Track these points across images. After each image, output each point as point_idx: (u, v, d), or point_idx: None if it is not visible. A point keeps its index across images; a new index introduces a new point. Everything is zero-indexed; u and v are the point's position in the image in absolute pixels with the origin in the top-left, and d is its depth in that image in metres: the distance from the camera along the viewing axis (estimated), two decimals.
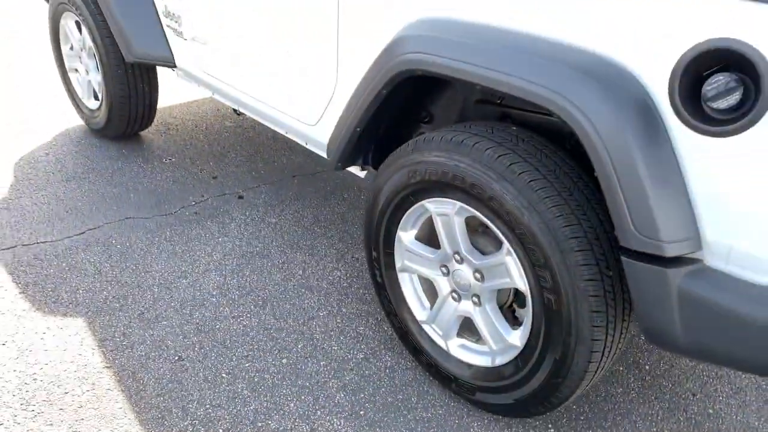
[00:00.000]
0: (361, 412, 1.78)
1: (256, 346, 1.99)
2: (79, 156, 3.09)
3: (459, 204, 1.58)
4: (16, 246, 2.41)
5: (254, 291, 2.23)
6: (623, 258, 1.31)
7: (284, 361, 1.95)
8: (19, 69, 4.06)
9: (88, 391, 1.80)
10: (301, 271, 2.34)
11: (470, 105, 1.83)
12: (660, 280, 1.27)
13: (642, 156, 1.22)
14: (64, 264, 2.32)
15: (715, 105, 1.14)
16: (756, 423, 1.81)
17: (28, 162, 3.00)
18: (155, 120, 3.36)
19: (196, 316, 2.11)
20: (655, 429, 1.77)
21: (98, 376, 1.85)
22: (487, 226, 1.56)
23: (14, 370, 1.85)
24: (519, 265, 1.51)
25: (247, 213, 2.70)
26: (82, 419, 1.71)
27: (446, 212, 1.63)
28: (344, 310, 2.16)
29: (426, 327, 1.84)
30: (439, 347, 1.81)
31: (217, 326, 2.07)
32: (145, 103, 3.09)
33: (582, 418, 1.79)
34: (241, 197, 2.81)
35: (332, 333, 2.06)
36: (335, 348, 2.00)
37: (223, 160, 3.12)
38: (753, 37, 1.09)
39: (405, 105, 1.88)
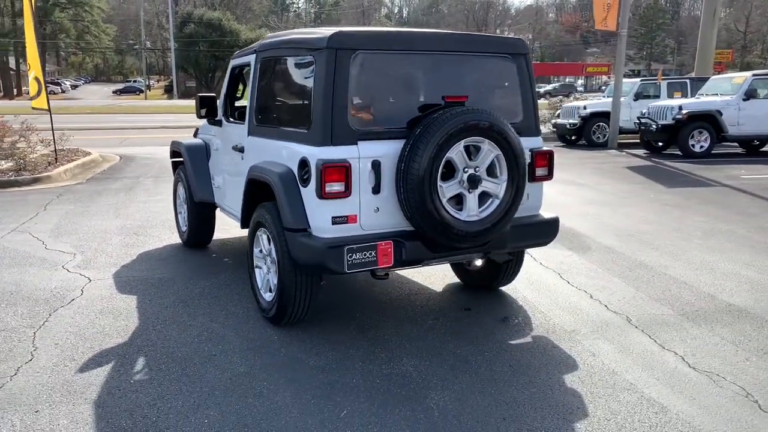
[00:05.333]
0: (233, 328, 4.13)
1: (223, 323, 4.46)
2: (173, 251, 5.97)
3: (264, 229, 4.06)
4: (137, 276, 5.19)
5: (226, 302, 4.74)
6: (286, 232, 3.70)
7: (231, 320, 4.38)
8: (154, 204, 7.27)
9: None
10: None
11: None
12: (294, 238, 3.64)
13: (288, 194, 3.68)
14: (156, 282, 5.03)
15: (305, 178, 3.63)
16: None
17: (148, 253, 5.93)
18: (213, 240, 6.20)
19: (199, 313, 4.63)
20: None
21: (167, 322, 4.42)
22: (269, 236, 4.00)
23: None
24: (273, 247, 3.90)
25: (238, 273, 5.27)
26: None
27: (262, 235, 4.10)
28: (252, 315, 4.57)
29: (261, 290, 4.21)
30: (264, 298, 4.16)
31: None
32: (208, 229, 5.98)
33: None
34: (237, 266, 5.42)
35: (240, 314, 4.47)
36: (239, 311, 4.40)
37: (242, 256, 5.80)
38: (309, 156, 3.58)
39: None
